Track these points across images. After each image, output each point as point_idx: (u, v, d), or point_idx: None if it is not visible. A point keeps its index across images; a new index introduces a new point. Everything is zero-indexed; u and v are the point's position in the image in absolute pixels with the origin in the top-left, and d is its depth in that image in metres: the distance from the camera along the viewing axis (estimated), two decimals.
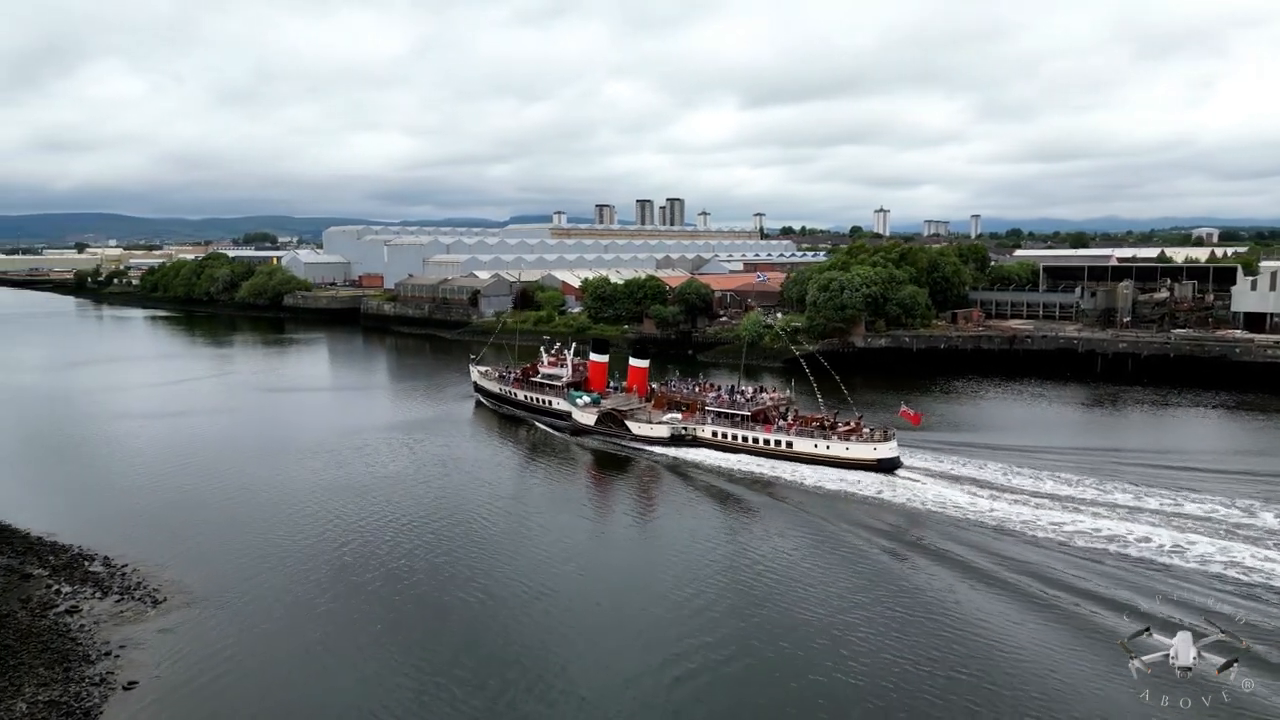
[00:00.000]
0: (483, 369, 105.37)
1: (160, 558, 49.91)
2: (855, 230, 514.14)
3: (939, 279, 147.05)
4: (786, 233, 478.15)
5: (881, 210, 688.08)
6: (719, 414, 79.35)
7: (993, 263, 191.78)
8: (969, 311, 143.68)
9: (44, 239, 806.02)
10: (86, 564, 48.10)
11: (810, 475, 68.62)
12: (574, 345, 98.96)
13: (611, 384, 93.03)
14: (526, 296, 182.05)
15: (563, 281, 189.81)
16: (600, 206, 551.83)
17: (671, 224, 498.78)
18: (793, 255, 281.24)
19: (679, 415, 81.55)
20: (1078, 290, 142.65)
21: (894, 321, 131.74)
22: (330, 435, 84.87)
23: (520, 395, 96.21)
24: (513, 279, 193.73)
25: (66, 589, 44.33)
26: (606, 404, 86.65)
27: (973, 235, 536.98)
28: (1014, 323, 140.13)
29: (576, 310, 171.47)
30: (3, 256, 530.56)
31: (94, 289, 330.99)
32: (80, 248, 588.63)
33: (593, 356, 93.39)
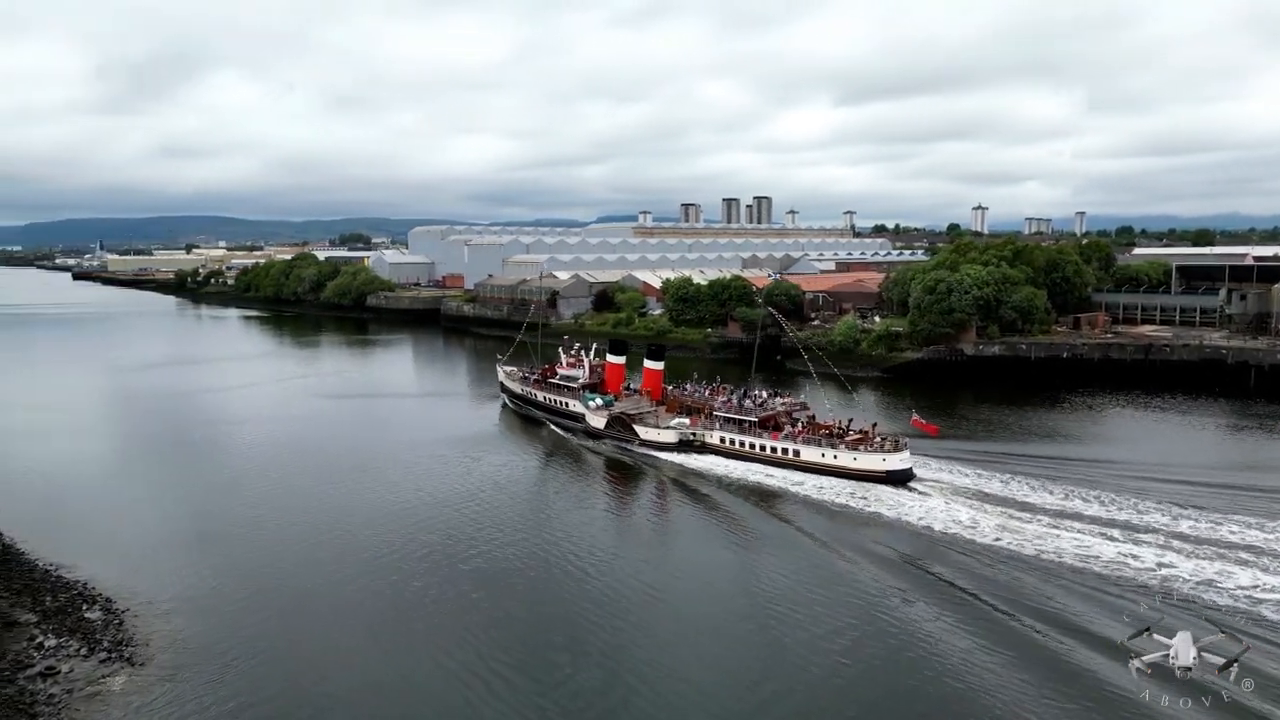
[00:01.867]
0: (508, 369, 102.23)
1: (170, 600, 43.69)
2: (952, 228, 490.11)
3: (1058, 279, 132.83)
4: (879, 231, 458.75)
5: (980, 207, 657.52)
6: (726, 419, 75.55)
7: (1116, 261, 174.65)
8: (1093, 316, 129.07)
9: (159, 241, 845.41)
10: (84, 607, 42.13)
11: (815, 488, 64.27)
12: (594, 347, 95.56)
13: (629, 387, 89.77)
14: (605, 298, 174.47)
15: (643, 282, 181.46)
16: (686, 205, 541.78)
17: (758, 223, 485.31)
18: (888, 254, 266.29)
19: (687, 420, 78.10)
20: (1221, 293, 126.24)
21: (1008, 327, 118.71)
22: (378, 450, 79.15)
23: (539, 396, 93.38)
24: (592, 280, 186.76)
25: (51, 642, 38.25)
26: (617, 407, 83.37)
27: (1078, 232, 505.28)
28: (1146, 328, 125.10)
29: (657, 312, 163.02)
30: (115, 257, 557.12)
31: (192, 289, 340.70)
32: (188, 249, 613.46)
33: (609, 358, 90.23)
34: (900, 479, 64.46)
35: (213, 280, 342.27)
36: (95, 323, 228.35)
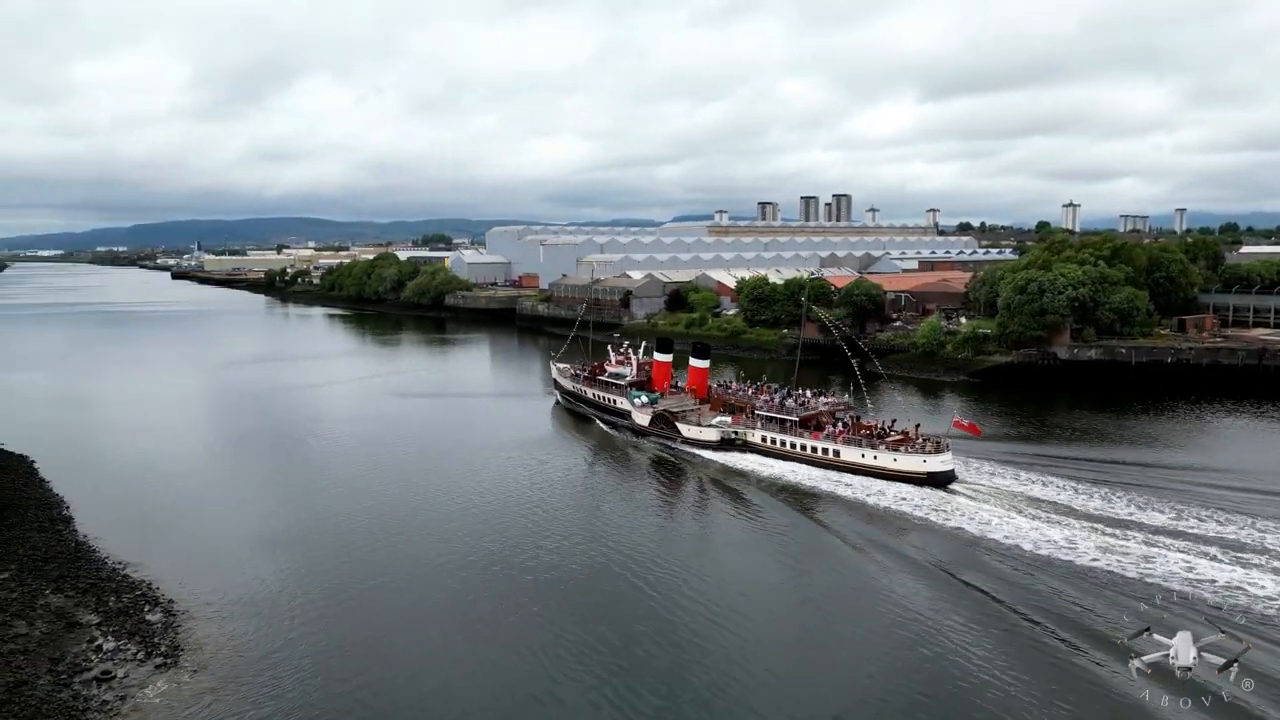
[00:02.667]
0: (561, 366, 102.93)
1: (229, 604, 43.28)
2: (1042, 226, 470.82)
3: (1160, 279, 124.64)
4: (964, 229, 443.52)
5: (1071, 205, 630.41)
6: (768, 419, 74.97)
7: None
8: (1200, 318, 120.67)
9: (253, 241, 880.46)
10: (146, 609, 41.92)
11: (855, 488, 63.49)
12: (643, 345, 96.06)
13: (676, 385, 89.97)
14: (678, 297, 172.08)
15: (718, 282, 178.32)
16: (763, 204, 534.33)
17: (837, 221, 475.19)
18: (974, 253, 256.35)
19: (729, 419, 77.88)
20: None
21: (1106, 329, 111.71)
22: (446, 450, 78.95)
23: (589, 393, 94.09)
24: (666, 279, 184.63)
25: (110, 645, 38.01)
26: (660, 405, 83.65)
27: (1178, 230, 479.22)
28: (1259, 332, 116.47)
29: (731, 312, 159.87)
30: (210, 257, 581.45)
31: (280, 288, 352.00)
32: (279, 249, 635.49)
33: (656, 356, 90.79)
34: (941, 481, 63.35)
35: (299, 280, 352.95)
36: (189, 320, 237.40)
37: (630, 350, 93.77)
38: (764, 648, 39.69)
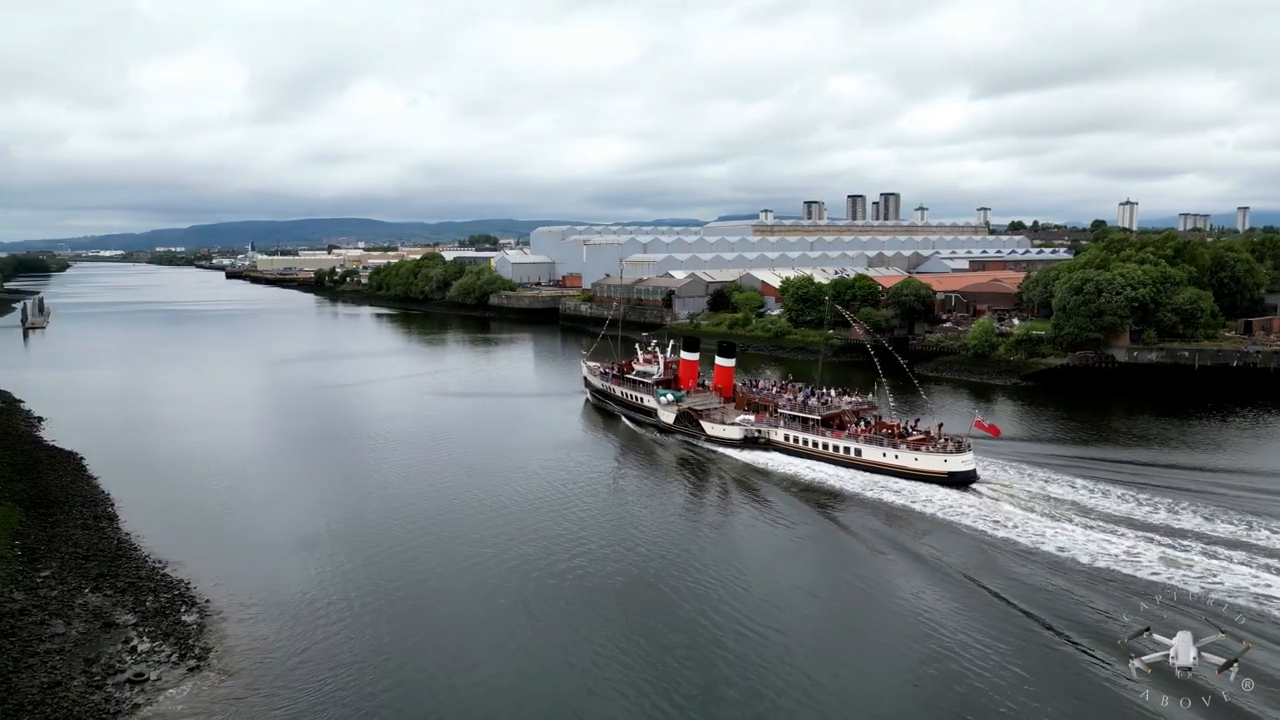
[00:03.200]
0: (591, 364, 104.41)
1: (264, 605, 43.02)
2: (1097, 224, 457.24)
3: (1225, 279, 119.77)
4: (1016, 228, 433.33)
5: (1128, 203, 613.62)
6: (791, 417, 75.57)
7: None
8: (1268, 320, 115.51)
9: (306, 242, 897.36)
10: (182, 610, 41.82)
11: (876, 488, 63.61)
12: (670, 343, 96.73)
13: (704, 383, 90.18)
14: (721, 297, 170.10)
15: (762, 281, 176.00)
16: (809, 203, 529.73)
17: (885, 220, 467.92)
18: (1026, 252, 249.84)
19: (752, 417, 78.36)
20: None
21: (1168, 331, 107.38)
22: (483, 450, 78.63)
23: (617, 391, 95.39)
24: (709, 279, 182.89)
25: (144, 646, 37.86)
26: (685, 403, 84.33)
27: (1240, 229, 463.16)
28: None
29: (776, 313, 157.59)
30: (263, 257, 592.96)
31: (329, 287, 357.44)
32: (329, 249, 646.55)
33: (683, 354, 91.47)
34: (962, 481, 63.23)
35: (348, 279, 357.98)
36: (241, 319, 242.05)
37: (658, 349, 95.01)
38: (796, 659, 38.49)
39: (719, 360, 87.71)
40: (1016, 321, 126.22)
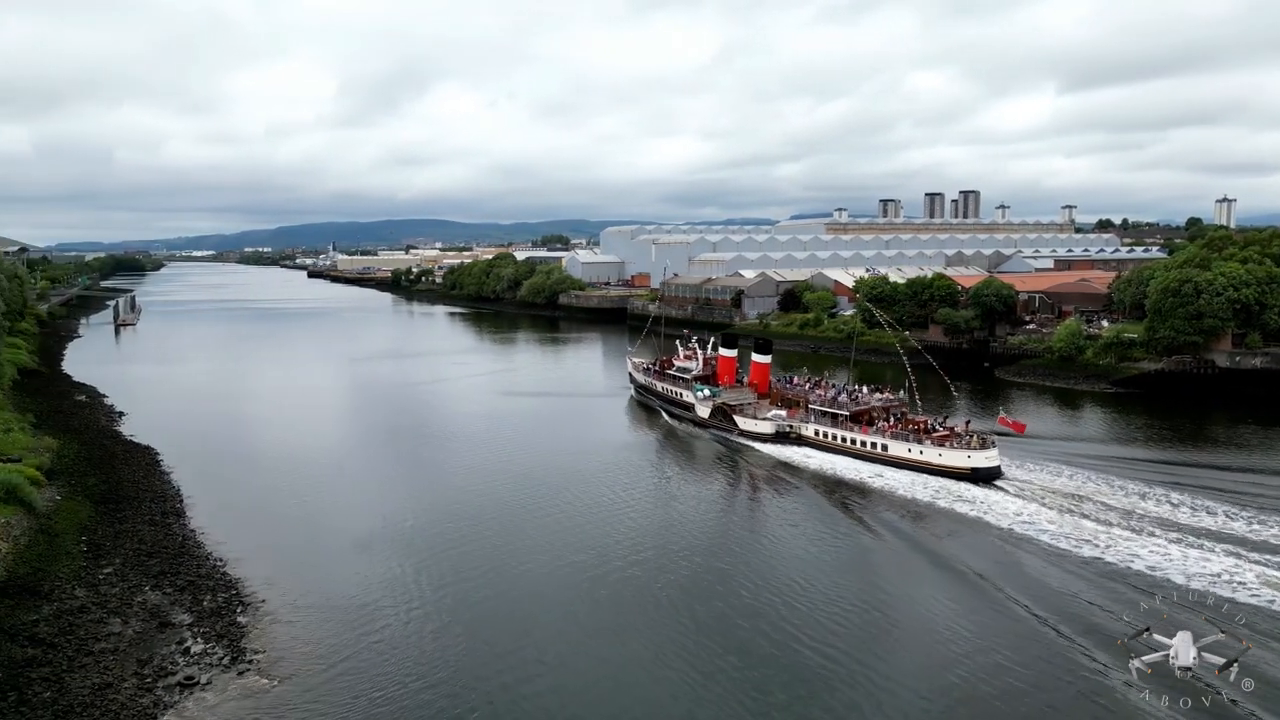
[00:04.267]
0: (636, 360, 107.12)
1: (320, 608, 42.53)
2: (1193, 222, 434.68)
3: None
4: (1104, 227, 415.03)
5: (1226, 199, 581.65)
6: (821, 412, 77.35)
7: None
8: None
9: (384, 243, 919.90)
10: (237, 611, 41.61)
11: (901, 482, 64.75)
12: (711, 340, 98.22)
13: (741, 380, 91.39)
14: (792, 297, 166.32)
15: (835, 281, 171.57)
16: (884, 201, 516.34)
17: (964, 218, 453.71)
18: (1116, 251, 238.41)
19: (784, 412, 79.99)
20: None
21: (1275, 335, 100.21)
22: (544, 450, 78.12)
23: (658, 387, 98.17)
24: (780, 279, 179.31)
25: (198, 648, 37.61)
26: (720, 398, 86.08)
27: None
28: None
29: (849, 313, 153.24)
30: (344, 257, 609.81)
31: (405, 286, 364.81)
32: (407, 249, 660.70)
33: (721, 351, 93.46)
34: (985, 477, 63.79)
35: (423, 279, 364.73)
36: (320, 317, 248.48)
37: (697, 345, 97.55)
38: (844, 667, 36.45)
39: (755, 357, 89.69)
40: (1106, 323, 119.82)
